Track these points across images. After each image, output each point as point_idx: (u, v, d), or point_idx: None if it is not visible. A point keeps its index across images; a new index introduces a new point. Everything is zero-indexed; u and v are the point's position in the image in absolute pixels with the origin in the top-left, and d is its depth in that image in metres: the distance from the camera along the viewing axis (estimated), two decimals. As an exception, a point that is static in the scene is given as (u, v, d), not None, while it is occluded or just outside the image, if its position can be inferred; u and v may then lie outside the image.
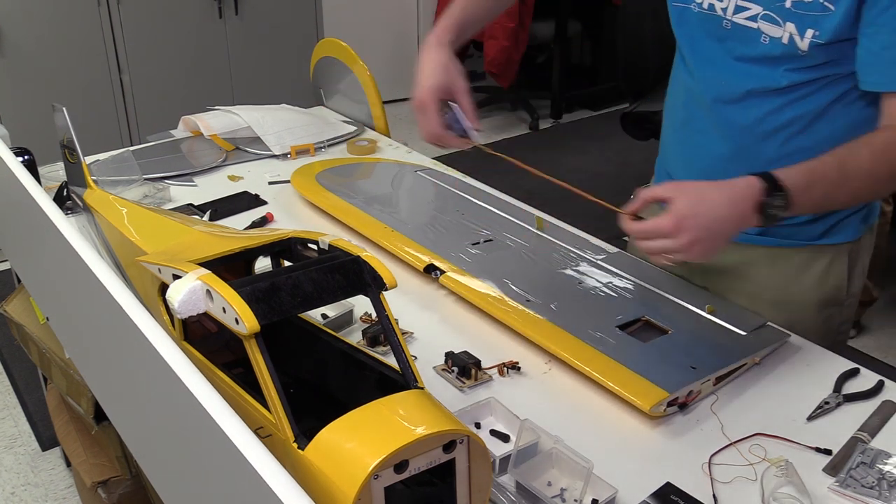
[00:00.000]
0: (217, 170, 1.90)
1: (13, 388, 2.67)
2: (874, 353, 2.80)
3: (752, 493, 0.98)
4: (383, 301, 0.92)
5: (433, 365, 1.21)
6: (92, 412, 1.58)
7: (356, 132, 2.09)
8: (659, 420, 1.11)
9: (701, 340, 1.19)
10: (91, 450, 1.75)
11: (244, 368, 0.91)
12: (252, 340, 0.80)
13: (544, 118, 4.96)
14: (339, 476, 0.73)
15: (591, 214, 1.39)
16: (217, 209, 1.69)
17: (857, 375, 1.19)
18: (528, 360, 1.23)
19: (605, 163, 4.40)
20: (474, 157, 1.46)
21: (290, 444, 0.79)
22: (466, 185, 1.77)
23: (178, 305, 0.84)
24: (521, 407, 1.10)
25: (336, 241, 0.98)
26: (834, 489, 0.99)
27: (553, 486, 0.99)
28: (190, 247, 1.08)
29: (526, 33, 4.48)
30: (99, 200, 1.40)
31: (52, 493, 2.24)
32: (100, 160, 1.86)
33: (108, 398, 1.12)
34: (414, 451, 0.75)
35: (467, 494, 0.81)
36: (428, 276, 1.42)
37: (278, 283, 0.86)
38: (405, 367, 0.88)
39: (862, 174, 1.09)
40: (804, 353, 1.25)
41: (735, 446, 1.06)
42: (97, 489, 1.68)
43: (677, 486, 0.99)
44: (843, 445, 1.06)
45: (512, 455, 1.01)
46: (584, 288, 1.36)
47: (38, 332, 1.69)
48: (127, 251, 1.20)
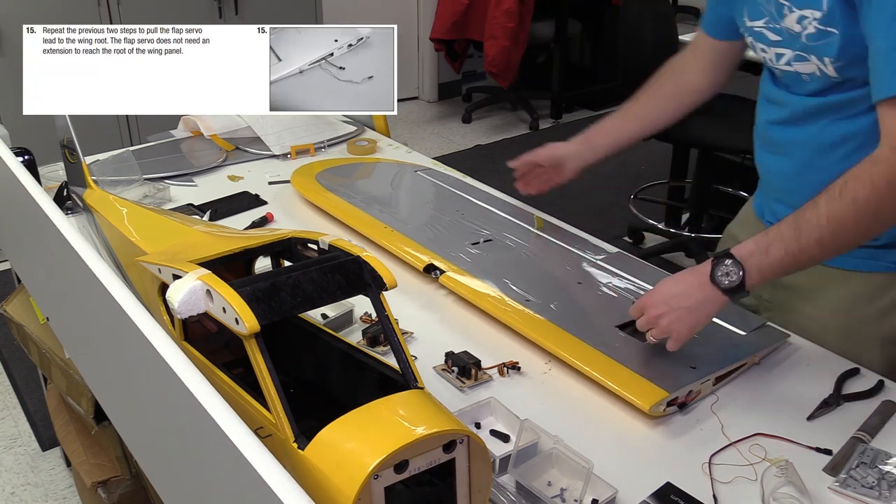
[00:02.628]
0: (217, 170, 1.90)
1: (13, 388, 2.67)
2: (874, 353, 2.80)
3: (752, 493, 0.98)
4: (383, 301, 0.92)
5: (433, 365, 1.21)
6: (92, 412, 1.58)
7: (356, 132, 2.09)
8: (659, 420, 1.11)
9: (701, 340, 1.19)
10: (91, 450, 1.75)
11: (244, 368, 0.91)
12: (252, 340, 0.80)
13: (544, 118, 4.96)
14: (339, 476, 0.73)
15: (592, 214, 1.38)
16: (217, 209, 1.69)
17: (857, 375, 1.19)
18: (528, 360, 1.23)
19: (605, 163, 4.39)
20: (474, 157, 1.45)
21: (290, 444, 0.79)
22: (466, 185, 1.77)
23: (178, 305, 0.84)
24: (521, 407, 1.10)
25: (336, 241, 0.98)
26: (834, 489, 0.99)
27: (553, 486, 0.99)
28: (190, 247, 1.08)
29: (526, 33, 4.47)
30: (99, 200, 1.40)
31: (52, 493, 2.24)
32: (100, 160, 1.86)
33: (108, 398, 1.12)
34: (414, 451, 0.75)
35: (467, 494, 0.81)
36: (428, 276, 1.42)
37: (278, 283, 0.86)
38: (405, 367, 0.88)
39: (822, 220, 1.07)
40: (804, 353, 1.25)
41: (735, 446, 1.06)
42: (97, 489, 1.68)
43: (677, 486, 0.99)
44: (843, 445, 1.05)
45: (512, 455, 1.01)
46: (583, 288, 1.36)
47: (38, 332, 1.69)
48: (127, 251, 1.20)
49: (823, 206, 1.07)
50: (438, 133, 4.82)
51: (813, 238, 1.07)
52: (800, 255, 1.08)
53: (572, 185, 1.56)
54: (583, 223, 1.59)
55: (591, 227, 1.56)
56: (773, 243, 1.09)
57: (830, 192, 1.07)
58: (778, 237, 1.09)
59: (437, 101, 5.30)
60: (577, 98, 5.11)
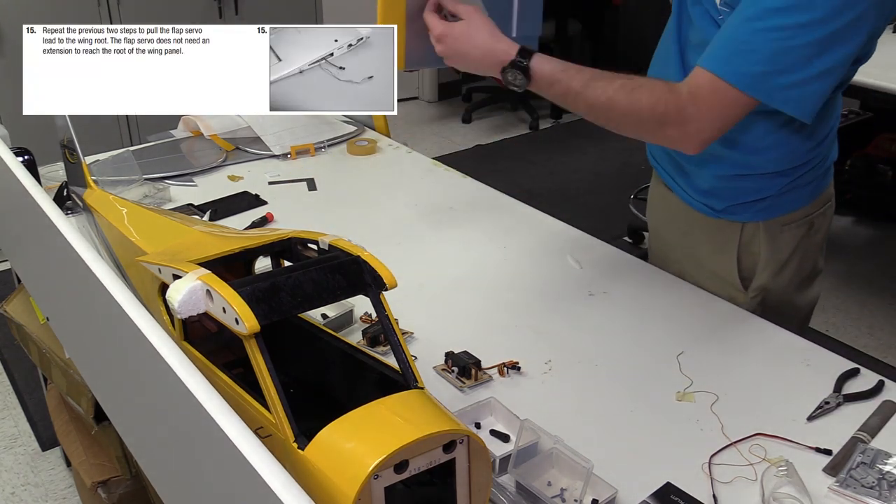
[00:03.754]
0: (217, 170, 1.90)
1: (13, 388, 2.67)
2: (874, 353, 2.80)
3: (752, 493, 0.98)
4: (383, 301, 0.92)
5: (433, 365, 1.21)
6: (92, 412, 1.58)
7: (356, 132, 2.09)
8: (659, 420, 1.11)
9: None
10: (91, 450, 1.75)
11: (244, 368, 0.91)
12: (252, 340, 0.80)
13: (544, 118, 4.96)
14: (339, 476, 0.73)
15: (592, 214, 1.38)
16: (217, 209, 1.69)
17: (857, 375, 1.19)
18: (528, 360, 1.23)
19: (604, 163, 4.40)
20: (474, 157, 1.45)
21: (290, 444, 0.79)
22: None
23: (178, 305, 0.84)
24: (521, 407, 1.10)
25: (336, 241, 0.98)
26: (834, 489, 0.99)
27: (553, 486, 0.99)
28: (190, 247, 1.08)
29: (526, 33, 4.47)
30: (99, 200, 1.40)
31: (52, 493, 2.24)
32: (100, 160, 1.87)
33: (108, 398, 1.12)
34: (414, 451, 0.75)
35: (467, 494, 0.81)
36: (428, 276, 1.42)
37: (278, 283, 0.86)
38: (405, 367, 0.88)
39: (604, 97, 1.20)
40: (804, 353, 1.25)
41: (735, 446, 1.06)
42: (97, 489, 1.68)
43: (677, 486, 0.99)
44: (843, 445, 1.06)
45: (512, 455, 1.01)
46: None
47: (38, 332, 1.69)
48: (127, 251, 1.20)
49: (613, 89, 1.19)
50: (438, 133, 4.82)
51: (587, 102, 1.21)
52: (569, 104, 1.24)
53: (572, 185, 1.56)
54: (583, 223, 1.59)
55: (591, 227, 1.57)
56: (560, 82, 1.22)
57: (626, 83, 1.20)
58: (567, 81, 1.22)
59: (437, 101, 5.30)
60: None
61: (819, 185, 1.39)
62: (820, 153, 1.36)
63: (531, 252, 1.54)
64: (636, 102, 1.18)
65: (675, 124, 1.18)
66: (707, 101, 1.16)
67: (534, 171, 4.11)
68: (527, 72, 1.23)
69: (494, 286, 1.43)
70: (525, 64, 1.23)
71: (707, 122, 1.17)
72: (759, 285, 1.40)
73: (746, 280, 1.41)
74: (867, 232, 3.59)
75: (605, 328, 1.31)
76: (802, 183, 1.36)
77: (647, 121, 1.19)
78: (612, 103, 1.20)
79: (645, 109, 1.18)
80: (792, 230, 1.39)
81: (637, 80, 1.21)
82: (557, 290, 1.41)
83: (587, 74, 1.22)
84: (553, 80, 1.23)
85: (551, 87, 1.24)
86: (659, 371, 1.20)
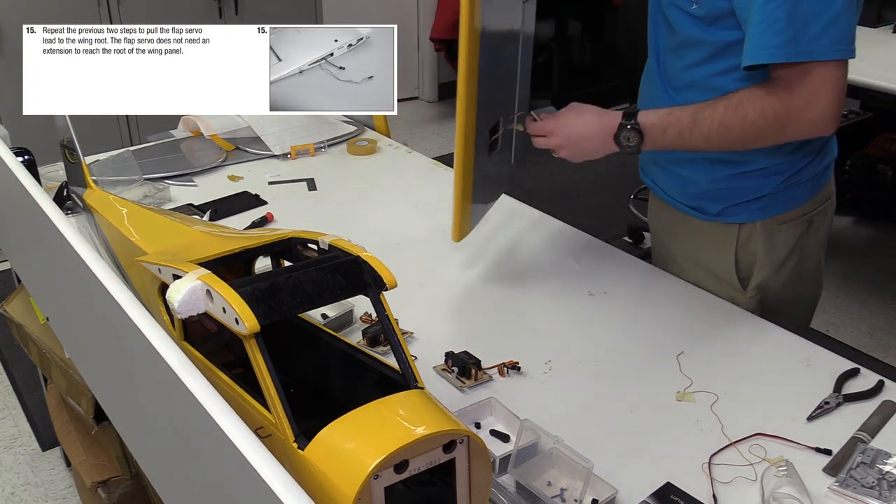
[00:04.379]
0: (217, 170, 1.90)
1: (13, 388, 2.67)
2: (874, 353, 2.80)
3: (752, 493, 0.98)
4: (383, 301, 0.92)
5: (433, 365, 1.21)
6: (92, 412, 1.58)
7: (356, 132, 2.09)
8: (659, 420, 1.11)
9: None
10: (91, 450, 1.75)
11: (244, 368, 0.91)
12: (252, 340, 0.80)
13: (544, 118, 4.96)
14: (339, 476, 0.73)
15: (592, 214, 1.38)
16: (217, 209, 1.69)
17: (857, 375, 1.19)
18: (528, 360, 1.23)
19: (604, 163, 4.39)
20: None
21: (290, 444, 0.79)
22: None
23: (178, 305, 0.84)
24: (521, 407, 1.10)
25: (336, 241, 0.98)
26: (834, 489, 0.99)
27: (553, 486, 0.99)
28: (190, 247, 1.08)
29: (526, 33, 4.47)
30: (99, 200, 1.40)
31: (52, 493, 2.24)
32: (100, 160, 1.87)
33: (108, 398, 1.12)
34: (414, 451, 0.75)
35: (467, 494, 0.81)
36: (428, 276, 1.41)
37: (278, 283, 0.86)
38: (405, 367, 0.88)
39: (714, 123, 1.22)
40: (804, 353, 1.25)
41: (735, 446, 1.06)
42: (97, 489, 1.68)
43: (677, 486, 0.99)
44: (843, 445, 1.06)
45: (512, 455, 1.01)
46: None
47: (38, 332, 1.69)
48: (127, 251, 1.20)
49: (720, 113, 1.22)
50: (438, 133, 4.82)
51: (703, 134, 1.23)
52: (687, 143, 1.25)
53: (572, 185, 1.56)
54: (583, 223, 1.59)
55: (591, 227, 1.57)
56: (672, 125, 1.25)
57: (728, 102, 1.22)
58: (677, 122, 1.24)
59: (437, 101, 5.29)
60: (578, 98, 5.00)
61: (818, 183, 1.39)
62: (816, 144, 1.35)
63: (531, 252, 1.54)
64: (746, 118, 1.20)
65: (793, 120, 1.19)
66: (802, 87, 1.17)
67: (534, 171, 4.10)
68: (638, 128, 1.25)
69: (494, 286, 1.43)
70: (635, 121, 1.25)
71: (816, 102, 1.18)
72: (757, 284, 1.40)
73: (745, 280, 1.41)
74: (867, 232, 3.59)
75: (604, 328, 1.32)
76: (800, 180, 1.36)
77: (764, 129, 1.21)
78: (725, 128, 1.22)
79: (757, 121, 1.20)
80: (790, 228, 1.39)
81: (737, 96, 1.21)
82: (557, 290, 1.42)
83: (690, 109, 1.24)
84: (664, 125, 1.25)
85: (665, 134, 1.25)
86: (659, 371, 1.21)
